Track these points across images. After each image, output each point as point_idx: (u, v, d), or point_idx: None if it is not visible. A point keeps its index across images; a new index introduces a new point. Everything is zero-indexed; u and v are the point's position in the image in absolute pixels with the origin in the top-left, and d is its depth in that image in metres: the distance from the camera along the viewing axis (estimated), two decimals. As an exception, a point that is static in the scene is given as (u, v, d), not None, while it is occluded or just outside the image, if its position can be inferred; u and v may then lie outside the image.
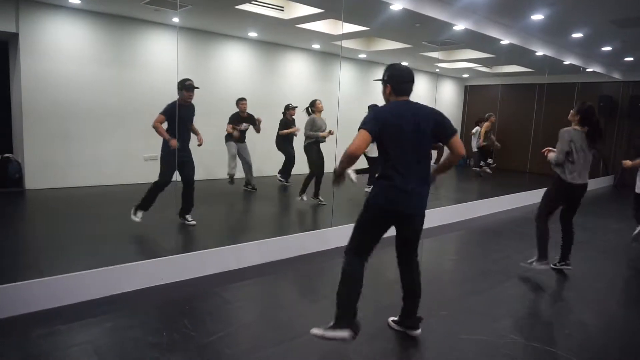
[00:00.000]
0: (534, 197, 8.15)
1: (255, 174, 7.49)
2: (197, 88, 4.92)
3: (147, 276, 3.50)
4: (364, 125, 2.59)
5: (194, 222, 5.11)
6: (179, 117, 4.68)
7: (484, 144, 10.22)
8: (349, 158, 2.59)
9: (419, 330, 2.89)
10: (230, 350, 2.64)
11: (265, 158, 8.13)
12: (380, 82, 2.81)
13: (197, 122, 5.25)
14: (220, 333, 2.84)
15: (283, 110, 7.44)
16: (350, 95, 10.10)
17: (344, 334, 2.56)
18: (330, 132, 6.30)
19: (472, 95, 14.05)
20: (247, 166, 7.33)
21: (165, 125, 4.78)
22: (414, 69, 12.70)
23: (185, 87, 4.85)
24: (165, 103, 4.84)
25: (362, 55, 10.04)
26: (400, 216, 2.67)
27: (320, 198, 6.52)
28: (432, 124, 2.66)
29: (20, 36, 6.31)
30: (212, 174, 8.02)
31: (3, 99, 7.07)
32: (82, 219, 5.34)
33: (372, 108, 2.31)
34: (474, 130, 10.86)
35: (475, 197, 7.52)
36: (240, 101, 7.17)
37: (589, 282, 4.15)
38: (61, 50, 6.67)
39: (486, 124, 10.32)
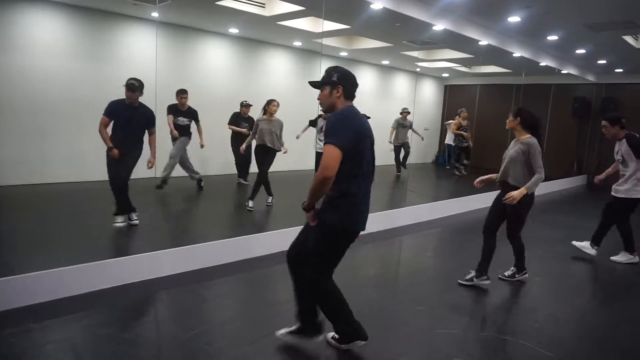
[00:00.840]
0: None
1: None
2: (139, 88, 4.65)
3: (123, 273, 3.46)
4: (336, 139, 2.25)
5: (122, 224, 4.75)
6: (121, 119, 4.53)
7: (456, 144, 10.42)
8: (322, 185, 2.28)
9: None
10: (208, 347, 2.64)
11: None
12: (325, 85, 2.48)
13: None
14: (197, 330, 2.83)
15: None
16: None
17: (359, 342, 2.60)
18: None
19: (452, 94, 14.23)
20: (171, 161, 6.64)
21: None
22: (394, 68, 12.80)
23: (126, 85, 4.59)
24: (143, 99, 4.76)
25: (344, 53, 10.08)
26: (356, 235, 2.51)
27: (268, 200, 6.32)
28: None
29: (-7, 28, 6.15)
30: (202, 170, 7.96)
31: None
32: (57, 216, 5.25)
33: (334, 115, 2.39)
34: (448, 122, 11.03)
35: (451, 195, 7.63)
36: (179, 94, 6.62)
37: (561, 279, 4.27)
38: (37, 44, 6.51)
39: (455, 122, 10.50)
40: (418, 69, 12.28)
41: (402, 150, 9.93)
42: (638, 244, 4.84)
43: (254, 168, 6.43)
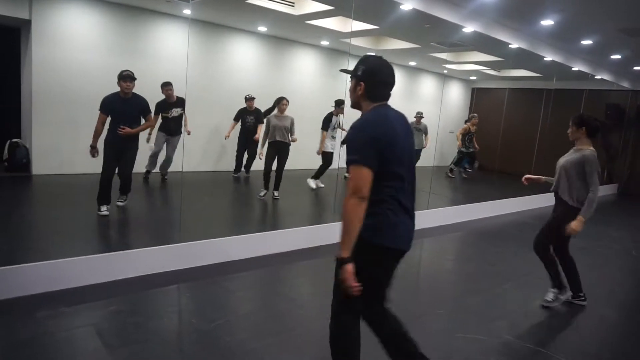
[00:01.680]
0: (535, 201, 8.19)
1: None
2: (135, 79, 4.78)
3: (150, 263, 3.56)
4: (360, 158, 1.85)
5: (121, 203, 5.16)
6: (117, 112, 4.69)
7: (462, 149, 10.32)
8: (352, 217, 1.84)
9: None
10: (229, 338, 2.70)
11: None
12: (352, 77, 2.10)
13: (206, 113, 5.27)
14: (219, 321, 2.90)
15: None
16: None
17: None
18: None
19: (479, 97, 14.04)
20: (166, 161, 6.93)
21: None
22: (422, 69, 12.68)
23: (121, 76, 4.69)
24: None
25: (371, 54, 10.05)
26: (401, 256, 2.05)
27: (275, 193, 6.42)
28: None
29: (32, 23, 6.37)
30: (217, 166, 8.09)
31: (13, 85, 7.15)
32: (89, 205, 5.41)
33: (352, 126, 1.95)
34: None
35: (475, 200, 7.55)
36: (165, 87, 6.53)
37: (587, 288, 4.19)
38: (73, 38, 6.73)
39: (463, 127, 10.39)
40: (445, 71, 12.15)
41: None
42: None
43: (258, 166, 6.44)
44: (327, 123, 7.05)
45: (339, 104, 7.03)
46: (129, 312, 2.94)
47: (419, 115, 9.70)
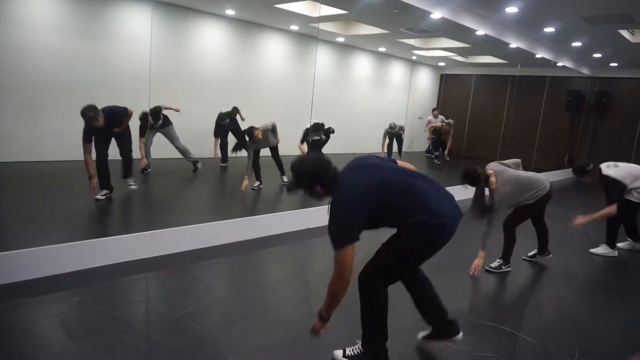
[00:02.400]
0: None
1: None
2: (98, 114, 4.85)
3: (117, 252, 3.49)
4: (343, 238, 2.03)
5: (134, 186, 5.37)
6: (99, 135, 4.89)
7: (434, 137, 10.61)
8: (339, 295, 2.11)
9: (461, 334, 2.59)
10: (198, 325, 2.70)
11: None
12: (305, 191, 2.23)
13: (172, 98, 5.18)
14: (189, 308, 2.88)
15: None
16: (326, 77, 10.12)
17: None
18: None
19: (447, 84, 14.25)
20: (182, 152, 7.01)
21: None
22: (391, 55, 12.75)
23: (85, 118, 4.82)
24: (138, 79, 4.79)
25: (340, 39, 10.03)
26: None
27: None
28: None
29: (-14, 2, 6.06)
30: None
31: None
32: (50, 194, 5.25)
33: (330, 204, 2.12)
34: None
35: (446, 184, 7.69)
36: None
37: (546, 269, 4.37)
38: (32, 20, 6.42)
39: (435, 125, 10.70)
40: (414, 57, 12.25)
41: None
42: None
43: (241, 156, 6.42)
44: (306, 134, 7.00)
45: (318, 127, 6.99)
46: (94, 301, 2.88)
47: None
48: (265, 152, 6.36)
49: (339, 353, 2.41)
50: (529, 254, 4.49)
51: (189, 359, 2.36)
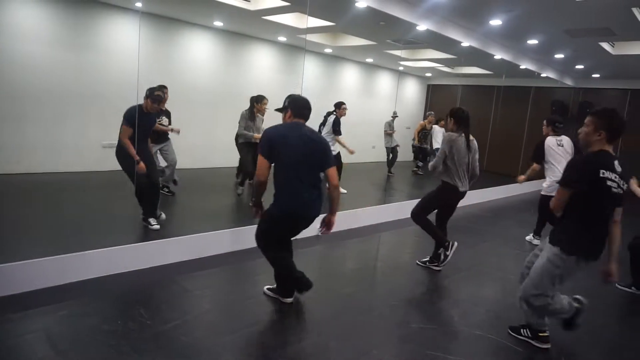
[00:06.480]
0: (489, 194, 8.53)
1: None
2: (162, 102, 4.65)
3: (105, 265, 3.47)
4: (260, 150, 3.00)
5: (157, 227, 4.60)
6: (140, 125, 4.39)
7: (417, 144, 10.65)
8: (258, 186, 3.04)
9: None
10: (185, 337, 2.68)
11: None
12: (282, 110, 3.25)
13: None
14: (177, 321, 2.87)
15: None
16: (314, 89, 10.18)
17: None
18: None
19: (434, 94, 14.42)
20: (170, 167, 6.15)
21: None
22: (378, 66, 12.82)
23: (152, 97, 4.47)
24: (125, 90, 4.74)
25: (328, 50, 10.12)
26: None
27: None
28: (319, 151, 3.07)
29: (-29, 13, 6.02)
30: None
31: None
32: (36, 206, 5.19)
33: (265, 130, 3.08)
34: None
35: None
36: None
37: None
38: (18, 30, 6.39)
39: (420, 123, 10.74)
40: (401, 68, 12.40)
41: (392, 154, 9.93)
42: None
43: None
44: (338, 126, 6.93)
45: (339, 105, 6.98)
46: (81, 315, 2.85)
47: (394, 116, 9.77)
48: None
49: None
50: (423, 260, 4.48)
51: (177, 372, 2.35)
